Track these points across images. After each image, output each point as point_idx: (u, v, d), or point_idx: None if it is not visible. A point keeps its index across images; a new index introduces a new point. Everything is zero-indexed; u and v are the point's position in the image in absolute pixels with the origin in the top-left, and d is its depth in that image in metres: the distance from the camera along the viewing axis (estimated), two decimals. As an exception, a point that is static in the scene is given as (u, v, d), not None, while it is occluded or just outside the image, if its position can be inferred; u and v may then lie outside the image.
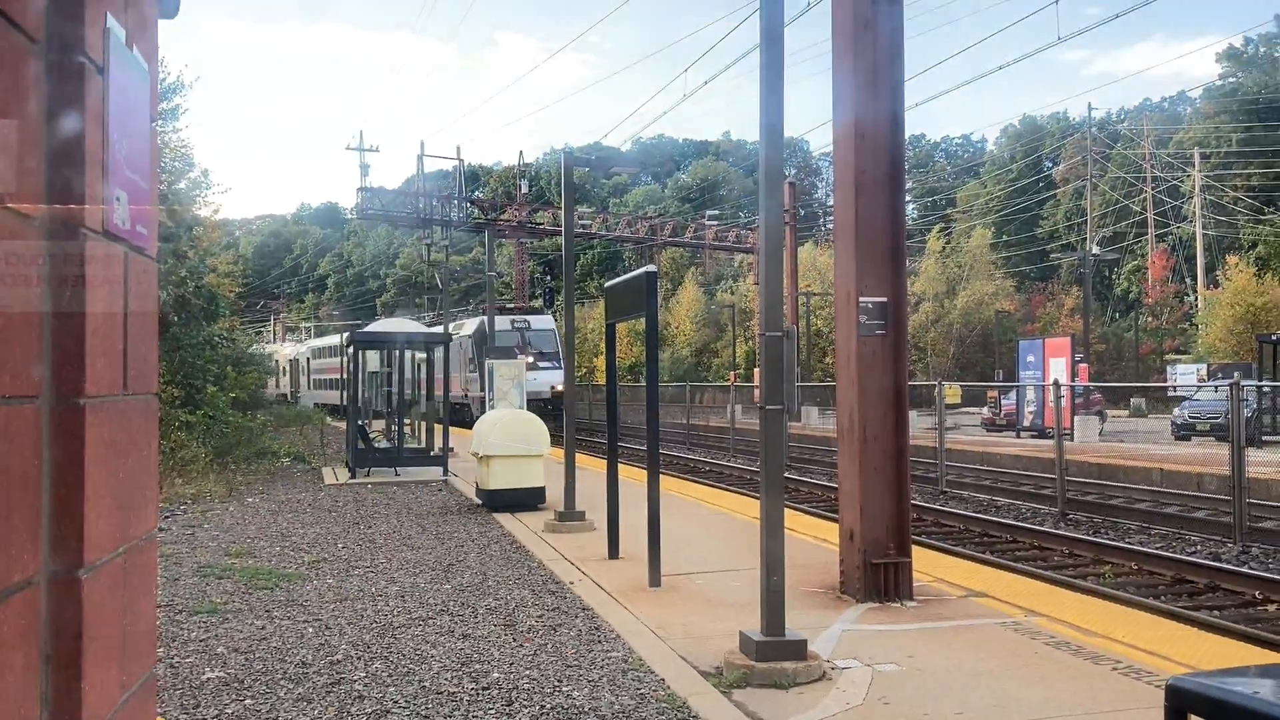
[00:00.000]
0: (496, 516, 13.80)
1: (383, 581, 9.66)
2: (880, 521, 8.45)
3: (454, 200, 45.37)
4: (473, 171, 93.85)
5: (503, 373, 22.18)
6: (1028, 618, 7.66)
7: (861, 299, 8.54)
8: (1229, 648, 7.06)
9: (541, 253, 70.89)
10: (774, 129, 6.78)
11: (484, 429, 14.59)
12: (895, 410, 8.61)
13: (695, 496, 15.81)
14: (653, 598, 8.61)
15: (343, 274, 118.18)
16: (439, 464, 20.12)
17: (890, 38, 8.58)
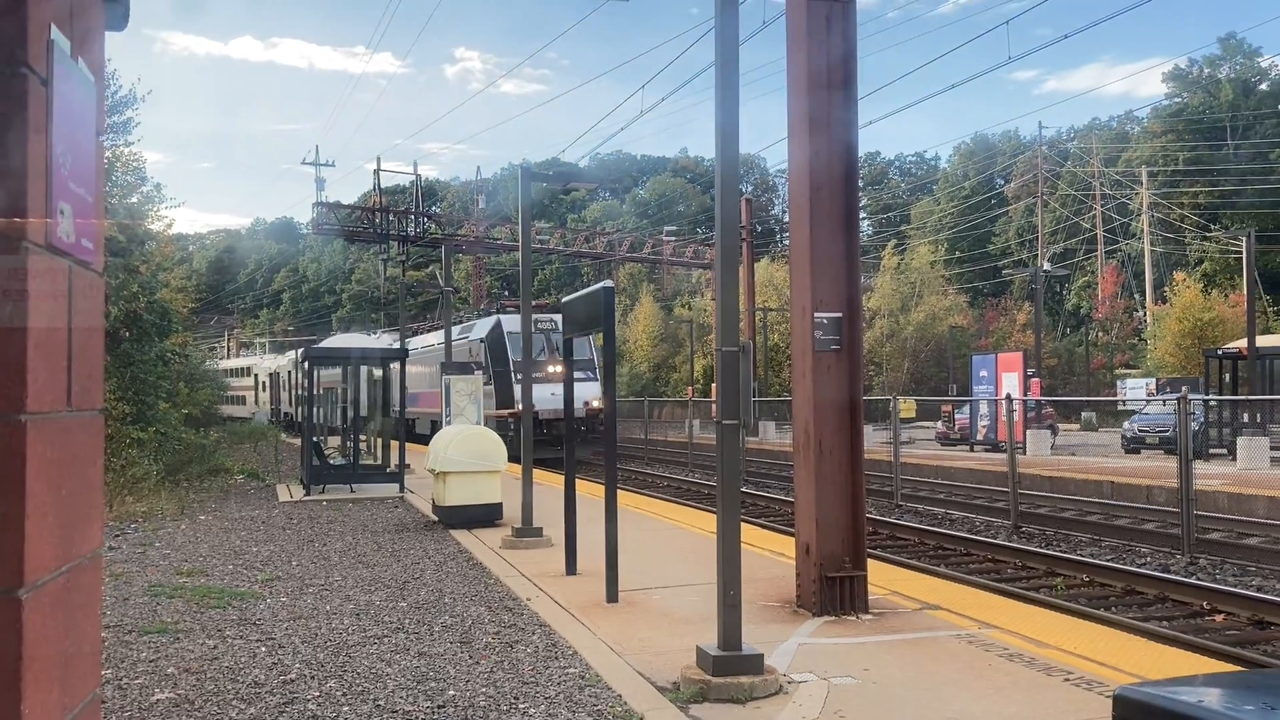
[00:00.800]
0: (453, 533, 13.71)
1: (337, 599, 9.56)
2: (836, 535, 8.49)
3: (411, 215, 45.16)
4: (430, 187, 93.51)
5: (459, 388, 22.05)
6: (982, 630, 7.72)
7: (816, 314, 8.60)
8: (1178, 658, 7.16)
9: (499, 268, 70.69)
10: (729, 145, 6.82)
11: (440, 445, 14.50)
12: (850, 424, 8.66)
13: (654, 512, 15.80)
14: (610, 613, 8.59)
15: (298, 289, 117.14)
16: (395, 480, 19.96)
17: (844, 65, 8.66)
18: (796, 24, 8.69)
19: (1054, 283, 69.37)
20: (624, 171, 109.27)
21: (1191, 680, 2.47)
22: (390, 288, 48.86)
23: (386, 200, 46.76)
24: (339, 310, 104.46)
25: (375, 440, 24.34)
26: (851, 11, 8.64)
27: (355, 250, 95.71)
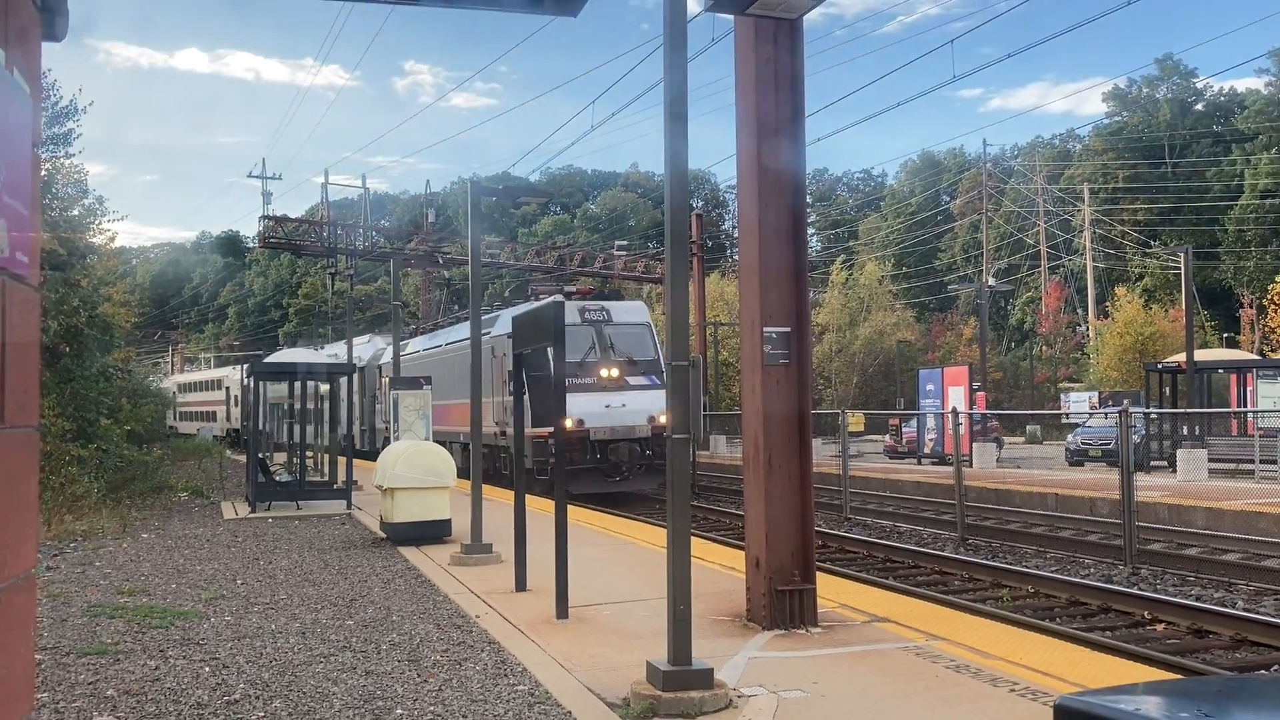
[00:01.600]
0: (401, 550, 13.58)
1: (283, 618, 9.42)
2: (785, 548, 8.53)
3: (359, 229, 44.80)
4: (379, 200, 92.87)
5: (408, 403, 21.85)
6: (929, 642, 7.79)
7: (766, 329, 8.65)
8: (1120, 667, 7.27)
9: (449, 282, 70.36)
10: (678, 168, 6.85)
11: (388, 461, 14.37)
12: (799, 438, 8.72)
13: (604, 527, 15.77)
14: (560, 630, 8.55)
15: (244, 304, 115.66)
16: (342, 497, 19.75)
17: (791, 83, 8.75)
18: (744, 42, 8.76)
19: (999, 298, 70.40)
20: (575, 186, 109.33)
21: (1131, 689, 2.51)
22: (338, 302, 48.34)
23: (334, 214, 46.41)
24: (286, 325, 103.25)
25: (322, 456, 24.08)
26: (798, 30, 8.73)
27: (303, 264, 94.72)
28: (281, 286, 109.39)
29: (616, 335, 24.04)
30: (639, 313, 25.43)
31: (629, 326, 24.54)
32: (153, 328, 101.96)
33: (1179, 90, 73.85)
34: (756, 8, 7.26)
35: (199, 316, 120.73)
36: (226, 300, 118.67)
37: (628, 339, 24.09)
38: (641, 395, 23.02)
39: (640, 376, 23.37)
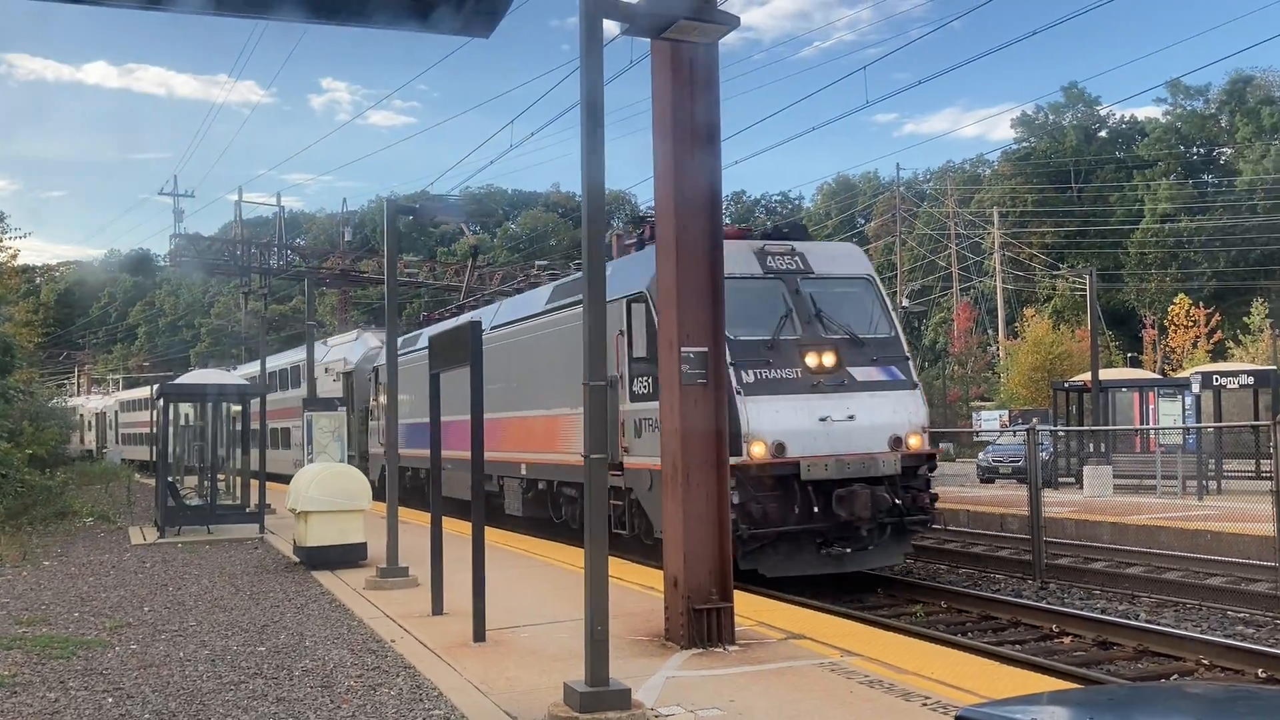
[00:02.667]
0: (315, 575, 13.34)
1: (192, 645, 9.19)
2: (703, 567, 8.57)
3: (274, 248, 44.09)
4: (294, 218, 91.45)
5: (322, 425, 21.53)
6: (844, 658, 7.89)
7: (684, 349, 8.71)
8: (1028, 679, 7.44)
9: (366, 301, 69.52)
10: (595, 188, 6.88)
11: (301, 483, 14.11)
12: (716, 457, 8.78)
13: (524, 549, 15.67)
14: (477, 653, 8.48)
15: (154, 323, 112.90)
16: (255, 521, 19.34)
17: (708, 109, 8.85)
18: (661, 64, 8.85)
19: (913, 318, 71.76)
20: (495, 205, 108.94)
21: (1037, 698, 2.58)
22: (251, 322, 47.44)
23: (248, 232, 45.61)
24: (197, 345, 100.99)
25: (234, 479, 23.55)
26: (714, 54, 8.84)
27: (215, 283, 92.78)
28: (193, 306, 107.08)
29: (822, 296, 14.49)
30: (853, 259, 15.84)
31: (840, 282, 14.91)
32: (57, 348, 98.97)
33: (1084, 117, 76.38)
34: (672, 32, 7.34)
35: (107, 336, 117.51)
36: (136, 320, 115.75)
37: (840, 303, 14.63)
38: (876, 400, 13.85)
39: (870, 367, 14.09)
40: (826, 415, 13.25)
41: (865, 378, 13.97)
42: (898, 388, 14.11)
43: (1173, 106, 74.22)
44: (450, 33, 3.15)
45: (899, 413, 13.83)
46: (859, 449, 13.27)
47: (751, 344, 13.30)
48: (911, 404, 14.04)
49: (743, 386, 12.95)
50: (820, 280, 14.60)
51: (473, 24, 3.09)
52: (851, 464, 13.11)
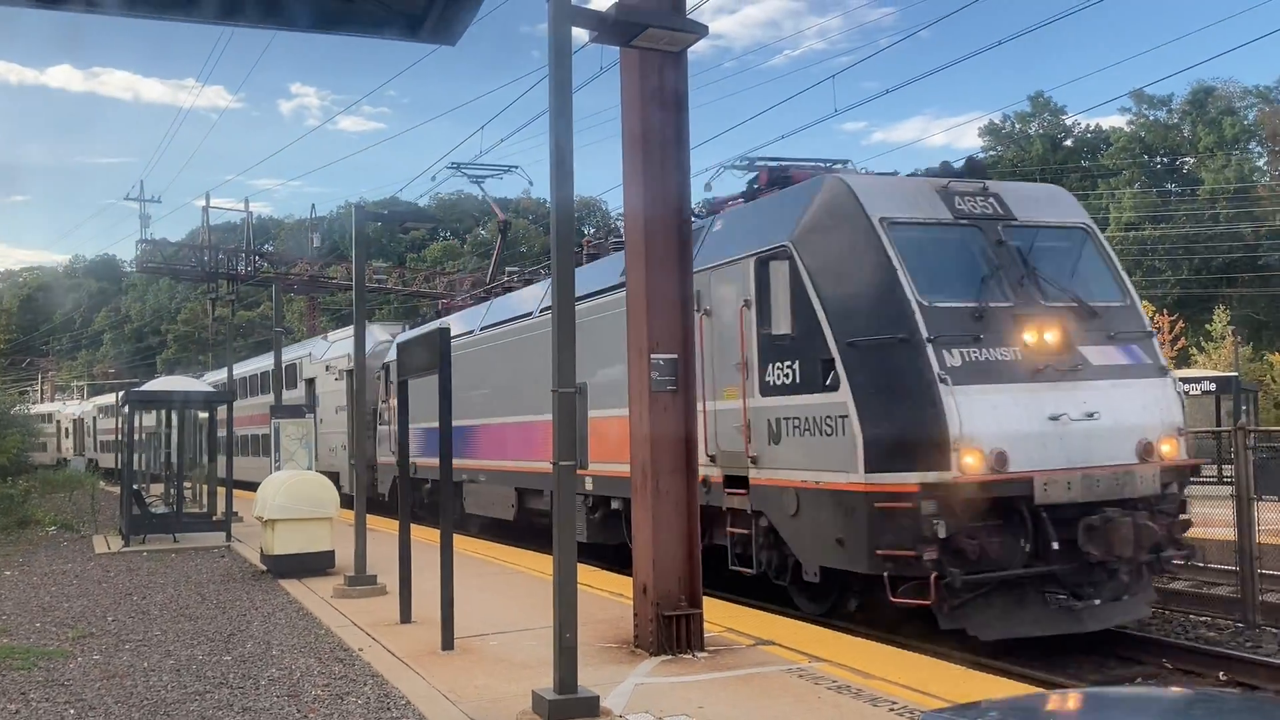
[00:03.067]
0: (282, 583, 13.24)
1: (157, 655, 9.10)
2: (672, 574, 8.58)
3: (242, 253, 43.78)
4: (263, 224, 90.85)
5: (289, 432, 21.35)
6: (812, 663, 7.92)
7: (653, 355, 8.72)
8: (992, 683, 7.49)
9: (334, 307, 69.15)
10: (564, 202, 6.89)
11: (268, 491, 14.01)
12: (686, 464, 8.80)
13: (492, 556, 15.62)
14: (446, 661, 8.45)
15: (120, 330, 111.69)
16: (221, 529, 19.18)
17: (676, 115, 8.88)
18: (630, 73, 8.87)
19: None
20: (465, 211, 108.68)
21: (996, 703, 2.60)
22: (219, 328, 47.04)
23: (216, 238, 45.25)
24: (164, 352, 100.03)
25: (201, 487, 23.36)
26: (683, 61, 8.87)
27: (182, 289, 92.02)
28: (160, 312, 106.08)
29: (1032, 250, 11.12)
30: (1062, 203, 12.34)
31: (1051, 233, 11.49)
32: (20, 354, 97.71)
33: (1050, 126, 77.16)
34: (641, 40, 7.36)
35: (72, 343, 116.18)
36: (101, 326, 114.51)
37: (1055, 260, 11.27)
38: (1120, 391, 10.44)
39: (1107, 346, 10.65)
40: (1060, 413, 9.74)
41: (1103, 361, 10.37)
42: (1144, 375, 10.55)
43: (1137, 116, 75.05)
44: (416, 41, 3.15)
45: (1149, 409, 10.32)
46: (1106, 460, 9.85)
47: (952, 313, 9.88)
48: (1164, 397, 10.47)
49: (947, 372, 9.57)
50: (1026, 229, 11.06)
51: (439, 32, 3.10)
52: (1102, 481, 9.64)
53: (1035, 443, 9.60)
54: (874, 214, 10.33)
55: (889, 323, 9.91)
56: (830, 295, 10.32)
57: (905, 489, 9.34)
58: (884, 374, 9.86)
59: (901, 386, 9.74)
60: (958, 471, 9.26)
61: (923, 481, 9.28)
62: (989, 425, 9.45)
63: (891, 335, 9.82)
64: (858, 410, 9.73)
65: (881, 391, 9.81)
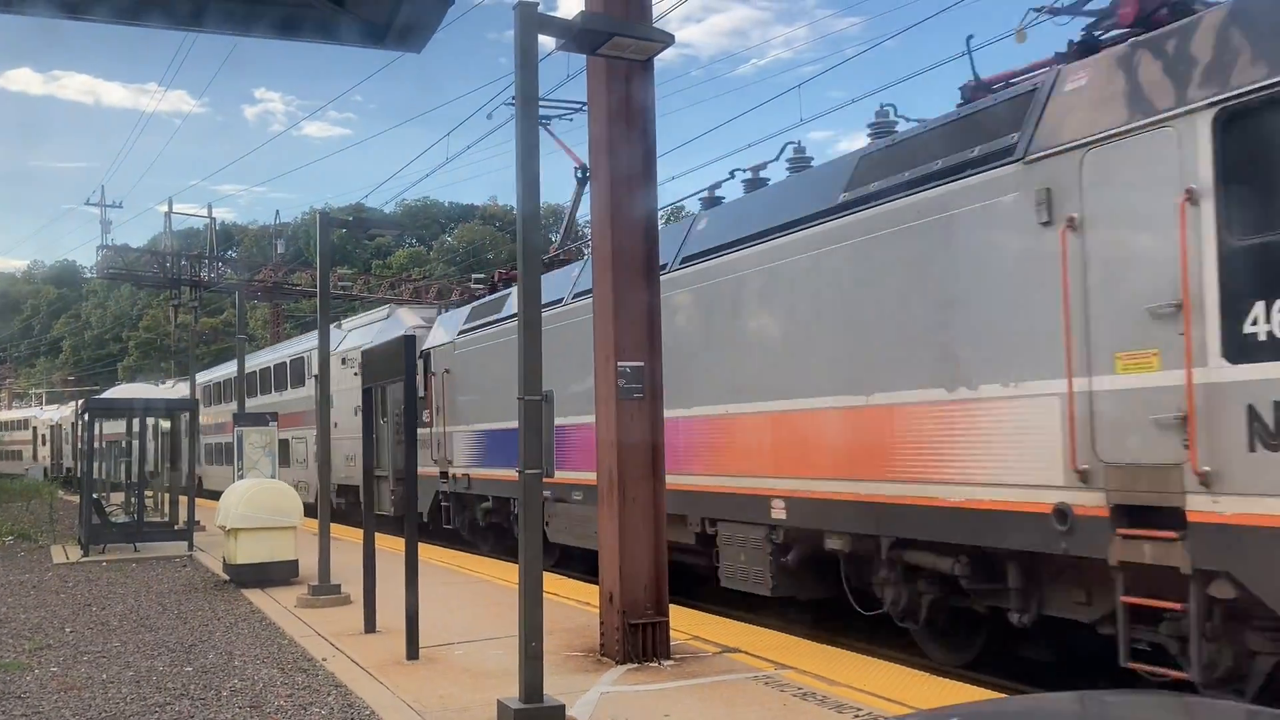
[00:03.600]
0: (245, 593, 13.10)
1: (116, 666, 8.97)
2: (639, 582, 8.57)
3: (205, 260, 43.38)
4: (226, 231, 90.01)
5: (253, 440, 21.12)
6: (779, 671, 7.93)
7: (620, 363, 8.72)
8: (958, 690, 7.53)
9: (299, 314, 68.63)
10: (530, 214, 6.88)
11: (230, 500, 13.86)
12: (653, 471, 8.80)
13: (458, 565, 15.54)
14: (411, 671, 8.39)
15: (80, 336, 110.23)
16: (184, 538, 18.97)
17: (643, 124, 8.90)
18: (597, 80, 8.88)
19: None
20: (431, 218, 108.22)
21: (959, 708, 2.61)
22: (181, 335, 46.50)
23: (179, 244, 44.83)
24: (125, 359, 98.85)
25: (162, 496, 23.09)
26: (649, 70, 8.89)
27: (144, 296, 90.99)
28: (121, 319, 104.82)
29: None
30: None
31: None
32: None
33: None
34: (607, 48, 7.37)
35: (30, 350, 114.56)
36: (61, 333, 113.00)
37: None
38: None
39: None
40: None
41: None
42: None
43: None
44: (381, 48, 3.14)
45: None
46: None
47: None
48: None
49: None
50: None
51: (404, 39, 3.09)
52: None
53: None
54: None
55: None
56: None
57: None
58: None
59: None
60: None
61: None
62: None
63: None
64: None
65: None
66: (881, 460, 8.94)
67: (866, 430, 9.12)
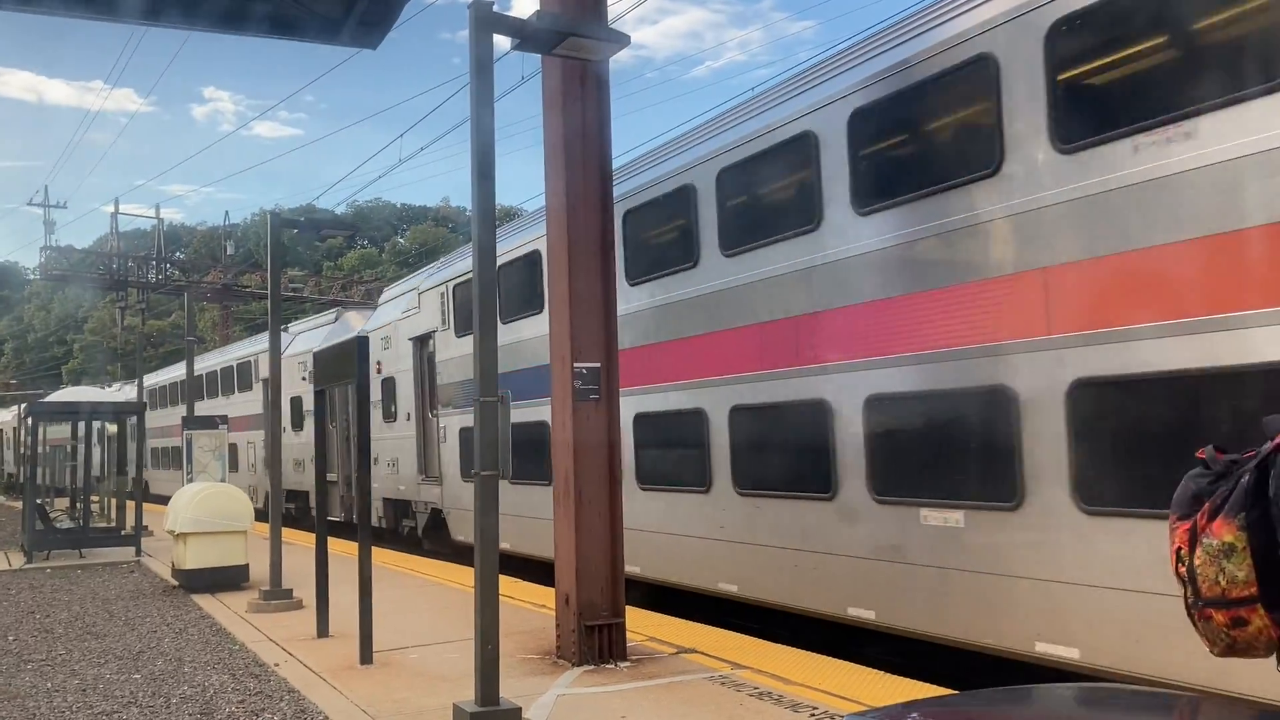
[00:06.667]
0: (195, 598, 12.91)
1: (61, 675, 8.80)
2: (595, 583, 8.56)
3: (152, 261, 42.75)
4: (174, 231, 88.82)
5: (202, 443, 20.82)
6: (735, 671, 7.95)
7: (576, 364, 8.70)
8: (911, 687, 7.60)
9: (248, 317, 67.78)
10: (486, 213, 6.84)
11: (179, 504, 13.66)
12: (609, 473, 8.79)
13: (411, 568, 15.43)
14: (364, 675, 8.31)
15: (22, 339, 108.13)
16: (131, 544, 18.66)
17: (599, 125, 8.89)
18: (552, 80, 8.87)
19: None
20: (384, 219, 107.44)
21: (914, 704, 2.64)
22: (128, 338, 45.78)
23: (125, 245, 44.13)
24: (70, 362, 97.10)
25: (110, 501, 22.71)
26: (604, 70, 8.89)
27: (90, 298, 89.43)
28: (66, 321, 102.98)
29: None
30: None
31: None
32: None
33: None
34: (563, 48, 7.35)
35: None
36: (3, 335, 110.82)
37: None
38: None
39: None
40: None
41: None
42: None
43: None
44: (336, 44, 3.11)
45: None
46: None
47: None
48: None
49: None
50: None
51: (359, 35, 3.06)
52: None
53: None
54: None
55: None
56: None
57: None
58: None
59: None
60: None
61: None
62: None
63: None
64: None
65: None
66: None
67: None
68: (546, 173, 9.00)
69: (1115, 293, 6.74)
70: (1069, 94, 7.18)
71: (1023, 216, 7.35)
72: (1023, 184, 7.35)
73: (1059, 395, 7.03)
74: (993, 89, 7.55)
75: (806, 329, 9.50)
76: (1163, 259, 6.47)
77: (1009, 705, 2.49)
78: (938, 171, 8.17)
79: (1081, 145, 6.98)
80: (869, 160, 8.88)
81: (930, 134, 8.69)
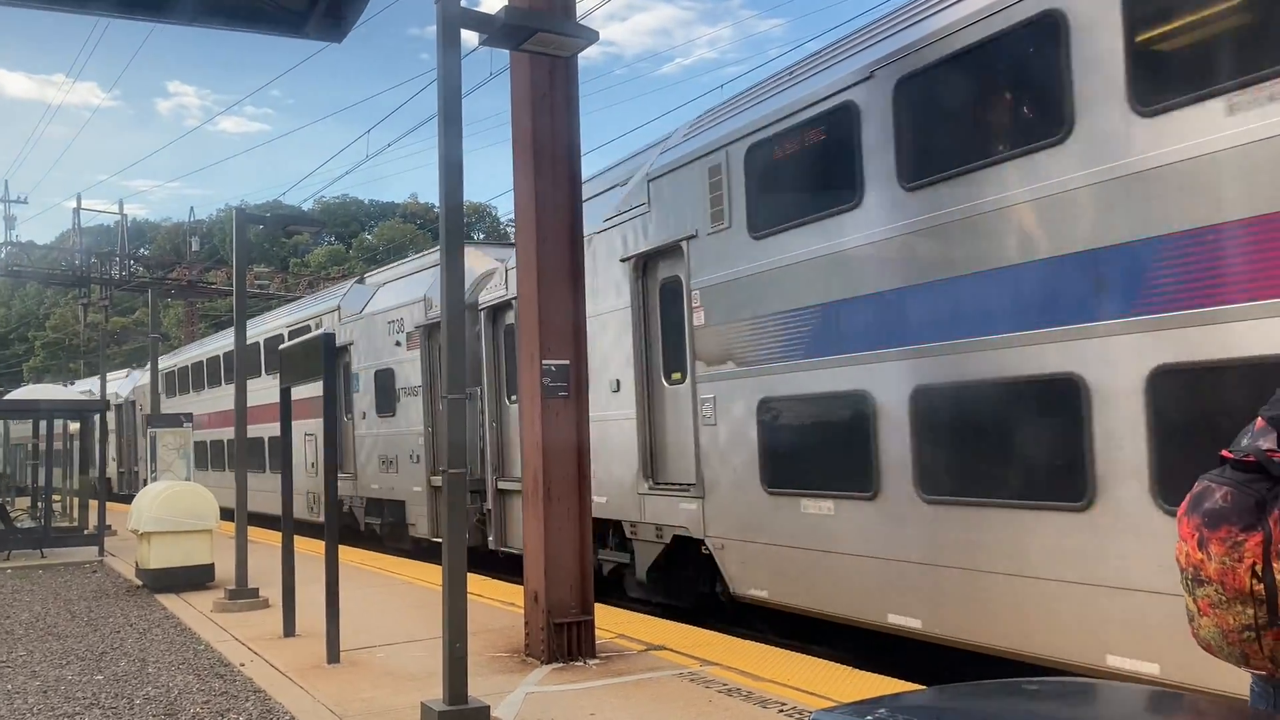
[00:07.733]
0: (159, 598, 12.78)
1: (21, 677, 8.67)
2: (564, 582, 8.54)
3: (116, 257, 42.26)
4: (138, 227, 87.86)
5: (166, 441, 20.60)
6: (704, 668, 7.96)
7: (545, 361, 8.68)
8: (880, 683, 7.63)
9: (214, 314, 67.12)
10: (454, 208, 6.80)
11: (143, 503, 13.50)
12: (578, 470, 8.77)
13: (379, 567, 15.34)
14: (331, 675, 8.25)
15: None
16: (94, 543, 18.44)
17: (568, 123, 8.87)
18: (520, 76, 8.83)
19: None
20: (351, 216, 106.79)
21: (881, 700, 2.64)
22: (91, 335, 45.19)
23: (88, 241, 43.59)
24: (31, 360, 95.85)
25: (72, 500, 22.44)
26: (573, 66, 8.86)
27: (51, 294, 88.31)
28: (27, 318, 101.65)
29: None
30: None
31: None
32: None
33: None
34: (531, 44, 7.32)
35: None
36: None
37: None
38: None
39: None
40: None
41: None
42: None
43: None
44: (301, 37, 3.07)
45: None
46: None
47: None
48: None
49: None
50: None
51: (325, 30, 3.03)
52: None
53: None
54: None
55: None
56: None
57: None
58: None
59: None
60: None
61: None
62: None
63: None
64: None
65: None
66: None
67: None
68: (515, 167, 8.96)
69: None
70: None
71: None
72: None
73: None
74: None
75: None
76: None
77: (978, 700, 2.50)
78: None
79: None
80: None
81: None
